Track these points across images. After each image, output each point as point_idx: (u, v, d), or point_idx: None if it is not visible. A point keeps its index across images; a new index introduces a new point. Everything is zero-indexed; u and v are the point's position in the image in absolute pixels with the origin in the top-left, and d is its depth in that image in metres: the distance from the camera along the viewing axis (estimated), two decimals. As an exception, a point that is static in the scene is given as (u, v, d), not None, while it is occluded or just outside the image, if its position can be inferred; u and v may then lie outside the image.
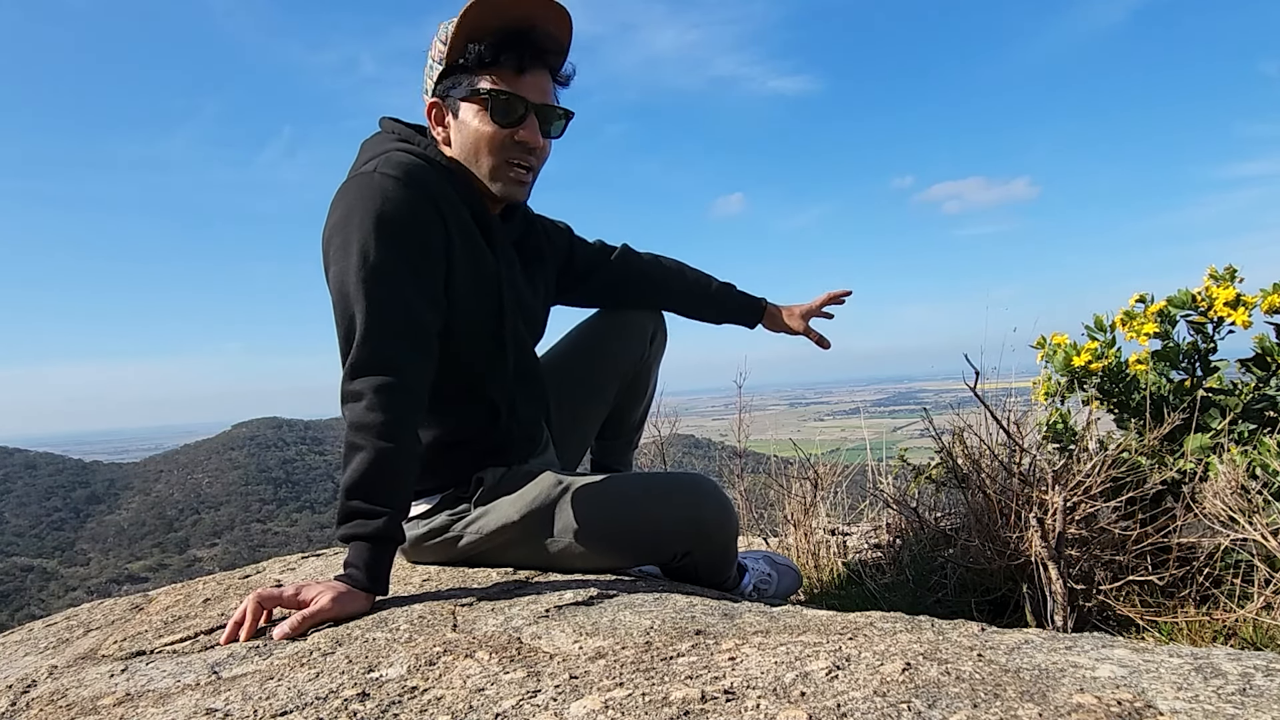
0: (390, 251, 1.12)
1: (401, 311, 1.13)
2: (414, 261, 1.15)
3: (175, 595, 1.36)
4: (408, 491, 1.14)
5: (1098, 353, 1.60)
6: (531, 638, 0.89)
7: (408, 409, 1.11)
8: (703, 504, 1.24)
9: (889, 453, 2.31)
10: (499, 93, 1.19)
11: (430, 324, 1.17)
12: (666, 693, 0.67)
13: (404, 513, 1.13)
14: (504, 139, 1.22)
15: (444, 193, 1.20)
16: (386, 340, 1.12)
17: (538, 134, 1.23)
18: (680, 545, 1.24)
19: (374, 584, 1.07)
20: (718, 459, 3.44)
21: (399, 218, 1.13)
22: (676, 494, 1.24)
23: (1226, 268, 1.56)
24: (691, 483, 1.26)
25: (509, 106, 1.20)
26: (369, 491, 1.07)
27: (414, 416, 1.13)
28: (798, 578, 1.63)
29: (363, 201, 1.13)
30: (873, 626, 0.85)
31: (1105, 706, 0.58)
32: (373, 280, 1.11)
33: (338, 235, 1.14)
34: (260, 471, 63.60)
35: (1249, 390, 1.50)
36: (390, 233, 1.13)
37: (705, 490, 1.26)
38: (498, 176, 1.25)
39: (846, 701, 0.62)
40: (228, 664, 0.89)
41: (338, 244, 1.14)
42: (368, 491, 1.07)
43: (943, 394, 2.08)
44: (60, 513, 57.03)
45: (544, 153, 1.28)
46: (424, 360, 1.16)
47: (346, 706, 0.71)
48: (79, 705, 0.81)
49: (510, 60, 1.19)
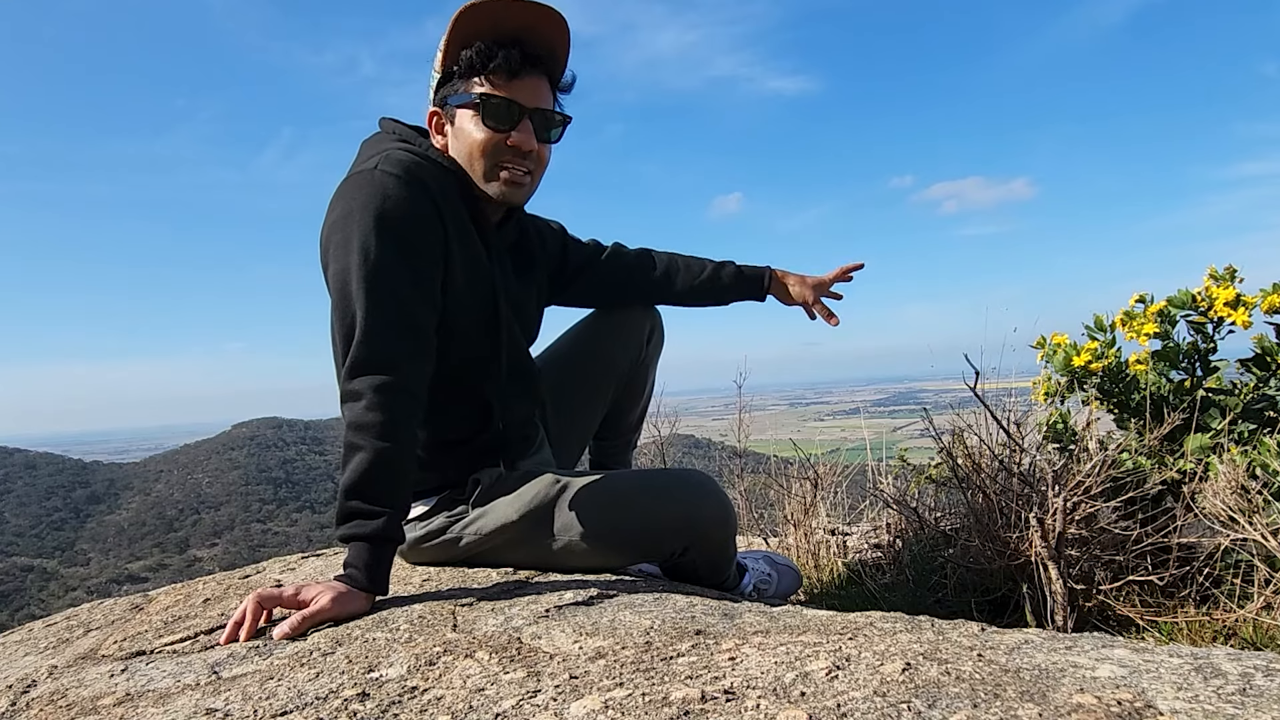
0: (391, 250, 1.13)
1: (402, 311, 1.13)
2: (413, 260, 1.15)
3: (175, 595, 1.36)
4: (407, 491, 1.15)
5: (1098, 353, 1.60)
6: (531, 638, 0.89)
7: (407, 409, 1.12)
8: (701, 501, 1.24)
9: (889, 453, 2.31)
10: (491, 97, 1.20)
11: (428, 324, 1.18)
12: (666, 693, 0.67)
13: (404, 513, 1.13)
14: (497, 143, 1.22)
15: (443, 191, 1.20)
16: (387, 340, 1.12)
17: (532, 138, 1.23)
18: (678, 542, 1.24)
19: (374, 584, 1.07)
20: (718, 459, 3.44)
21: (399, 215, 1.14)
22: (674, 490, 1.24)
23: (1226, 268, 1.56)
24: (689, 479, 1.26)
25: (501, 111, 1.21)
26: (368, 492, 1.08)
27: (413, 417, 1.13)
28: (798, 578, 1.62)
29: (363, 199, 1.13)
30: (873, 626, 0.85)
31: (1105, 706, 0.58)
32: (374, 279, 1.12)
33: (337, 232, 1.14)
34: (260, 471, 63.60)
35: (1249, 390, 1.50)
36: (390, 231, 1.13)
37: (703, 487, 1.26)
38: (492, 179, 1.25)
39: (846, 701, 0.62)
40: (228, 664, 0.89)
41: (338, 241, 1.14)
42: (366, 492, 1.08)
43: (943, 394, 2.08)
44: (60, 513, 57.03)
45: (541, 157, 1.28)
46: (423, 360, 1.16)
47: (346, 706, 0.71)
48: (79, 705, 0.81)
49: (502, 65, 1.19)
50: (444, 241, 1.20)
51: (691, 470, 1.30)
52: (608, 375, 1.61)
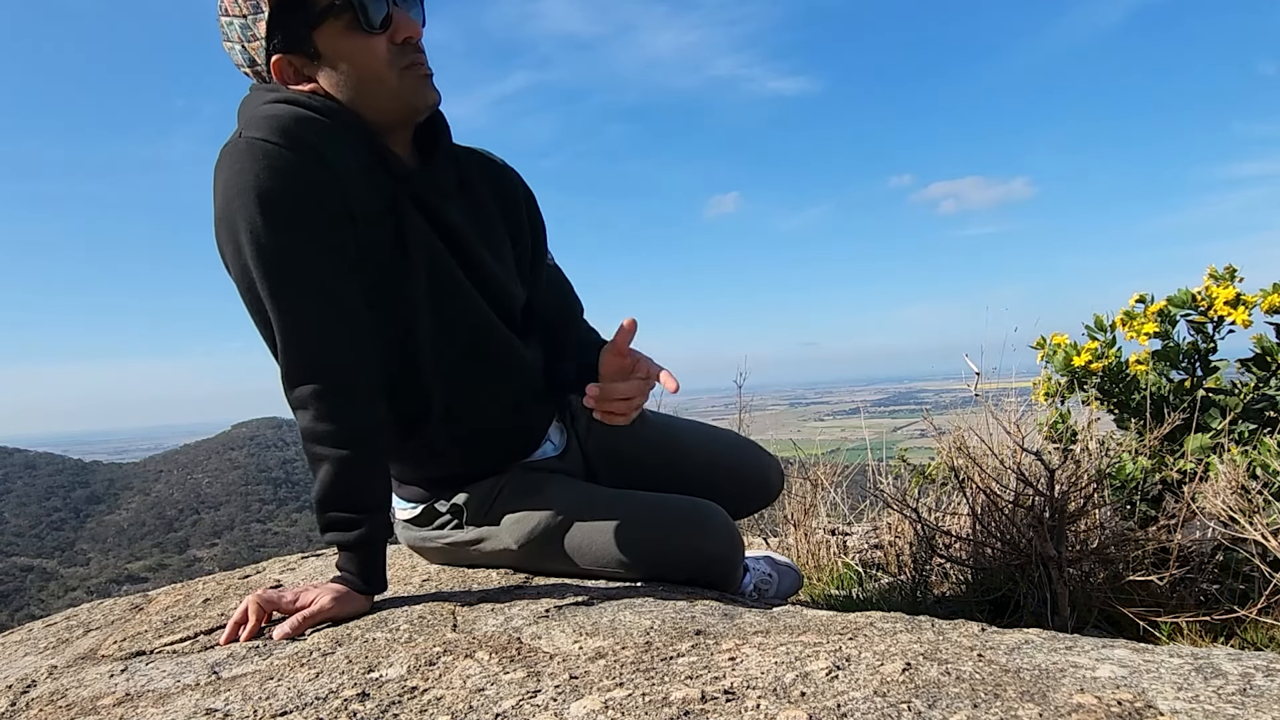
0: (285, 233, 0.95)
1: (320, 299, 0.98)
2: (316, 235, 0.97)
3: (175, 595, 1.36)
4: (382, 486, 1.08)
5: (1098, 353, 1.60)
6: (531, 638, 0.89)
7: (358, 408, 1.01)
8: (709, 538, 1.17)
9: (889, 453, 2.31)
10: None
11: (355, 301, 1.01)
12: (666, 693, 0.67)
13: (383, 509, 1.08)
14: (387, 45, 1.02)
15: (329, 137, 0.99)
16: (315, 337, 0.99)
17: (415, 23, 1.05)
18: (682, 575, 1.19)
19: (369, 585, 1.05)
20: (718, 459, 3.44)
21: (282, 188, 0.94)
22: (683, 526, 1.17)
23: (1226, 267, 1.56)
24: (697, 514, 1.18)
25: (370, 6, 1.00)
26: (340, 502, 1.02)
27: (368, 411, 1.03)
28: (798, 578, 1.62)
29: (238, 179, 0.94)
30: (873, 626, 0.85)
31: (1105, 706, 0.58)
32: (277, 272, 0.96)
33: (223, 227, 0.97)
34: (260, 471, 63.61)
35: (1249, 390, 1.50)
36: (276, 208, 0.94)
37: (712, 524, 1.18)
38: (404, 90, 1.05)
39: (846, 702, 0.62)
40: (228, 664, 0.89)
41: (225, 237, 0.97)
42: (339, 502, 1.02)
43: (943, 394, 2.08)
44: (60, 513, 57.03)
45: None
46: (359, 346, 1.02)
47: (346, 706, 0.71)
48: (79, 705, 0.81)
49: None
50: (343, 198, 0.99)
51: (699, 503, 1.20)
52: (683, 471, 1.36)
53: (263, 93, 1.04)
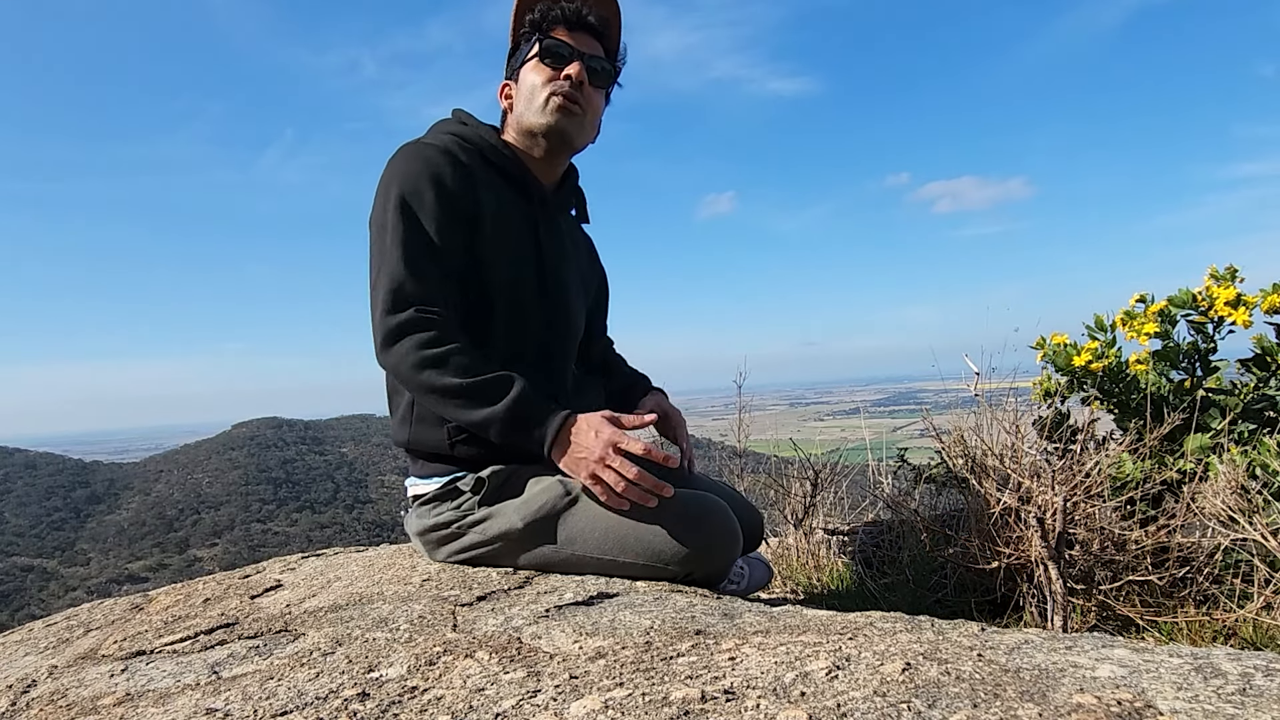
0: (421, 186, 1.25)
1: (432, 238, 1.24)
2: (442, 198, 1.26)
3: (175, 595, 1.36)
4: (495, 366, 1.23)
5: (1098, 353, 1.60)
6: (531, 638, 0.89)
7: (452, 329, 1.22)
8: (711, 534, 1.20)
9: (889, 453, 2.31)
10: (548, 39, 1.35)
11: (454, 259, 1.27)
12: (666, 693, 0.67)
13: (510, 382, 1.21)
14: (551, 76, 1.35)
15: (480, 163, 1.34)
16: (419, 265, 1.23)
17: (583, 71, 1.36)
18: (684, 569, 1.20)
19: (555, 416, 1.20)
20: (718, 459, 3.44)
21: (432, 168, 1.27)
22: (686, 521, 1.20)
23: (1227, 267, 1.56)
24: (701, 509, 1.21)
25: (556, 49, 1.35)
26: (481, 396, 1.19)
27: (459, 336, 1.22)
28: (768, 570, 1.62)
29: (404, 160, 1.29)
30: (873, 626, 0.85)
31: (1105, 706, 0.58)
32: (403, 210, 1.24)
33: (380, 189, 1.29)
34: (260, 471, 63.59)
35: (1249, 390, 1.50)
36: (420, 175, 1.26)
37: (713, 521, 1.21)
38: (546, 110, 1.35)
39: (846, 701, 0.62)
40: (228, 664, 0.89)
41: (379, 195, 1.28)
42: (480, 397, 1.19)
43: (943, 394, 2.08)
44: (60, 513, 57.03)
45: (592, 101, 1.38)
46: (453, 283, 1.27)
47: (346, 706, 0.71)
48: (79, 705, 0.81)
49: (561, 18, 1.36)
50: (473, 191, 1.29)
51: (703, 497, 1.24)
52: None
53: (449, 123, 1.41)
